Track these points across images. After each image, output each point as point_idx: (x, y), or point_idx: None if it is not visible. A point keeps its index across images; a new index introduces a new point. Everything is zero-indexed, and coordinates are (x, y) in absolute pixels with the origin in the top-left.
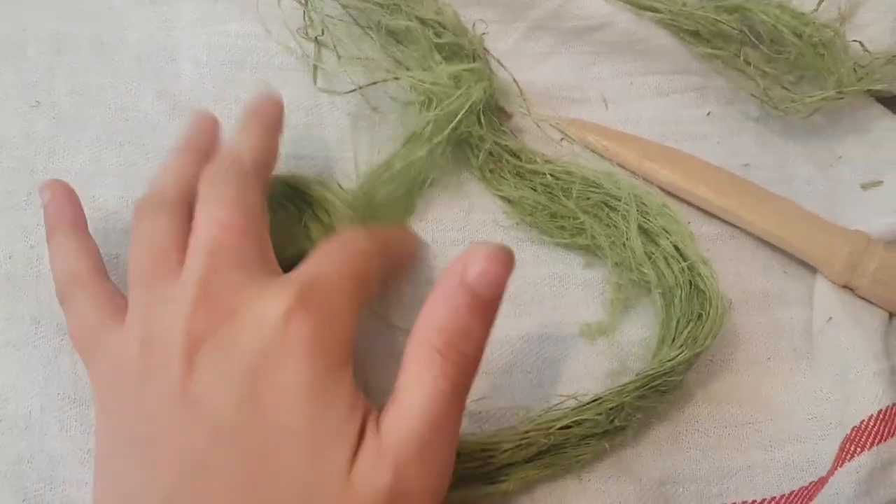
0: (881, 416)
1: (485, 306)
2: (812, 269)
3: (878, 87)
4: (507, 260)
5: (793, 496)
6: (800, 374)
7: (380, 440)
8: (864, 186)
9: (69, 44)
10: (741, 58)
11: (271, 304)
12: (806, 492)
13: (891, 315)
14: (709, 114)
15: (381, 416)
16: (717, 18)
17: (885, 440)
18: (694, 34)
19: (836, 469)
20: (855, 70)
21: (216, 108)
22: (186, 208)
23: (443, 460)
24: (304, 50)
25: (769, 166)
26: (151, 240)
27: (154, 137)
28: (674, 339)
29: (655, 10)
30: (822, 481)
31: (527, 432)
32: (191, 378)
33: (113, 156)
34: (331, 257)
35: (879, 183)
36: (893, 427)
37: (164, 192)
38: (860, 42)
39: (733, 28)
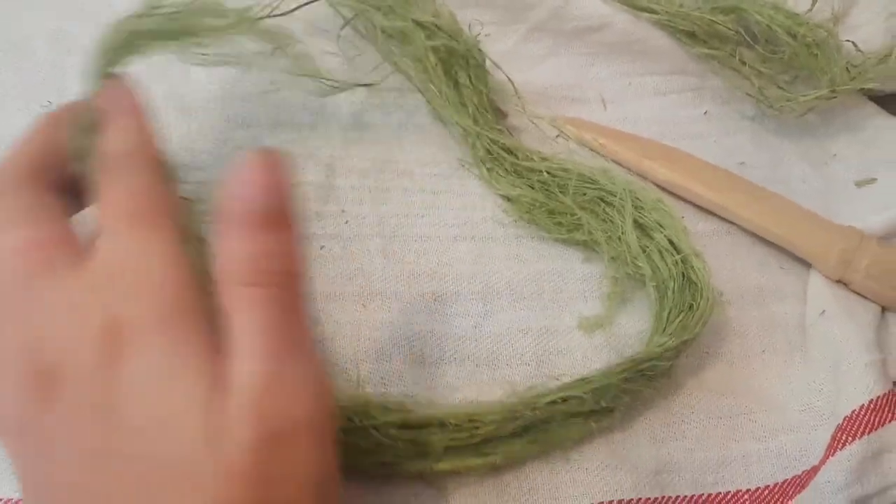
0: (872, 406)
1: (274, 217)
2: (807, 265)
3: (871, 86)
4: (269, 163)
5: (786, 484)
6: (794, 366)
7: (230, 395)
8: (859, 184)
9: (77, 44)
10: (737, 58)
11: (83, 322)
12: (798, 480)
13: (883, 309)
14: (705, 113)
15: (221, 374)
16: (713, 19)
17: (875, 429)
18: (690, 35)
19: (827, 458)
20: (848, 70)
21: (223, 108)
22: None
23: (307, 379)
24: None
25: (765, 165)
26: None
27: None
28: (664, 329)
29: (653, 12)
30: (815, 470)
31: (513, 405)
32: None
33: None
34: (118, 216)
35: (873, 180)
36: (884, 417)
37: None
38: (853, 42)
39: (729, 29)
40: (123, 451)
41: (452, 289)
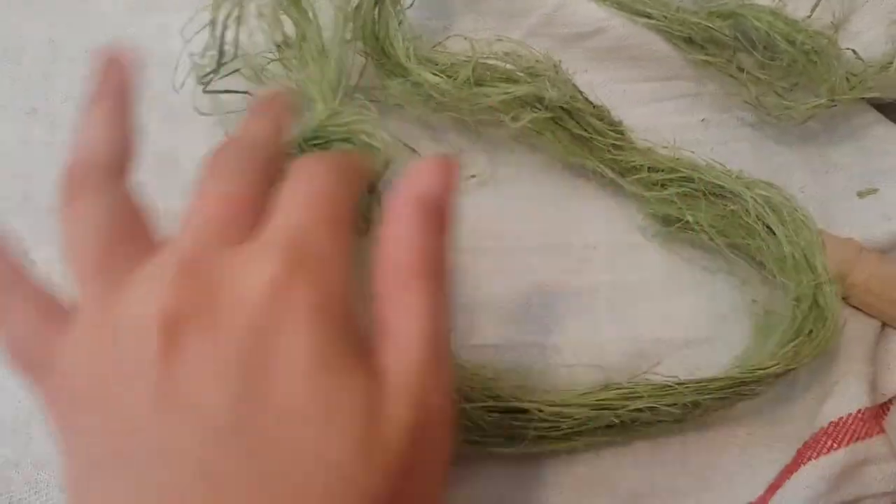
0: (859, 416)
1: (441, 218)
2: None
3: (871, 95)
4: (449, 167)
5: (766, 493)
6: (787, 383)
7: (387, 381)
8: (861, 195)
9: (63, 52)
10: (734, 64)
11: (255, 272)
12: (776, 482)
13: (884, 325)
14: (703, 120)
15: (374, 356)
16: (710, 25)
17: (861, 439)
18: (687, 40)
19: (807, 461)
20: (847, 79)
21: (211, 116)
22: (123, 175)
23: (448, 377)
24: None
25: (763, 173)
26: (96, 226)
27: (149, 143)
28: (775, 351)
29: (649, 17)
30: (789, 470)
31: (601, 404)
32: (173, 373)
33: None
34: (298, 200)
35: (875, 191)
36: (870, 429)
37: (96, 161)
38: (853, 50)
39: (726, 35)
40: (264, 433)
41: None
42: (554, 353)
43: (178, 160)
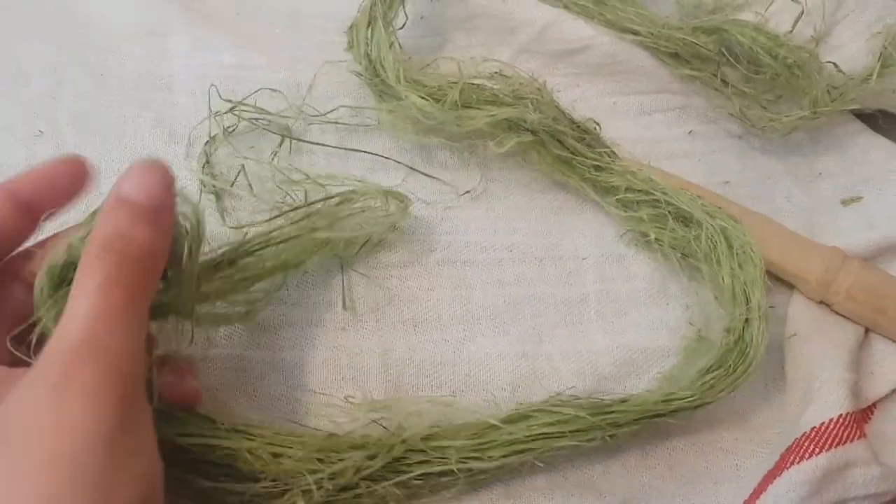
0: (841, 421)
1: (147, 212)
2: (790, 286)
3: (852, 107)
4: (157, 168)
5: (750, 497)
6: (774, 388)
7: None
8: (845, 203)
9: (69, 74)
10: (719, 78)
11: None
12: (760, 487)
13: (867, 331)
14: (690, 132)
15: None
16: (695, 41)
17: (843, 444)
18: (673, 55)
19: (789, 465)
20: (829, 91)
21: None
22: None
23: (123, 352)
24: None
25: (750, 183)
26: None
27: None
28: (692, 381)
29: (636, 33)
30: (772, 475)
31: (517, 447)
32: None
33: (111, 182)
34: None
35: (859, 199)
36: (852, 433)
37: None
38: (834, 63)
39: (710, 50)
40: None
41: (433, 314)
42: (545, 361)
43: None
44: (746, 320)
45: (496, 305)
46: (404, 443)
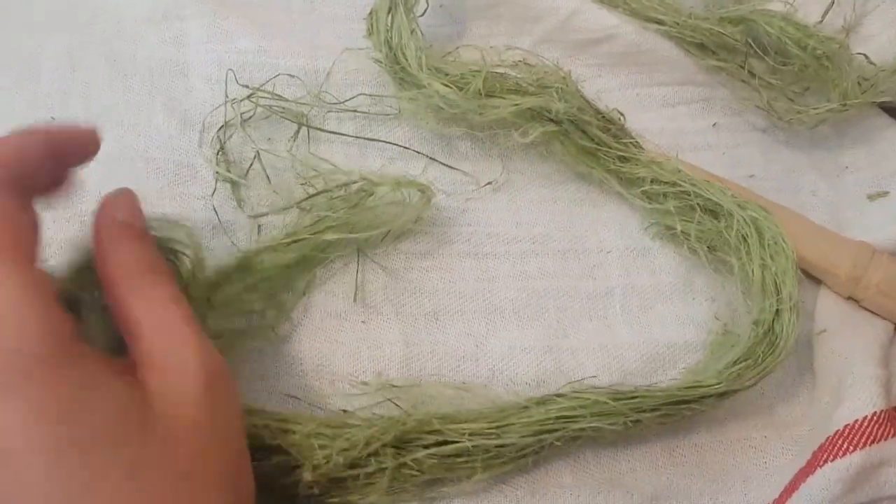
0: (875, 419)
1: (139, 231)
2: (818, 281)
3: (883, 99)
4: (132, 192)
5: (782, 496)
6: (803, 385)
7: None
8: (871, 197)
9: (83, 61)
10: (746, 69)
11: None
12: (792, 485)
13: None
14: (715, 125)
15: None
16: (722, 31)
17: (877, 442)
18: (699, 46)
19: (823, 463)
20: (859, 83)
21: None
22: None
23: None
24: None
25: (775, 177)
26: None
27: (165, 152)
28: (720, 371)
29: (660, 23)
30: (805, 473)
31: (540, 427)
32: None
33: (125, 170)
34: None
35: (886, 193)
36: (886, 431)
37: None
38: (864, 54)
39: (737, 40)
40: None
41: (456, 307)
42: (570, 356)
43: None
44: (777, 311)
45: (519, 299)
46: (417, 421)
